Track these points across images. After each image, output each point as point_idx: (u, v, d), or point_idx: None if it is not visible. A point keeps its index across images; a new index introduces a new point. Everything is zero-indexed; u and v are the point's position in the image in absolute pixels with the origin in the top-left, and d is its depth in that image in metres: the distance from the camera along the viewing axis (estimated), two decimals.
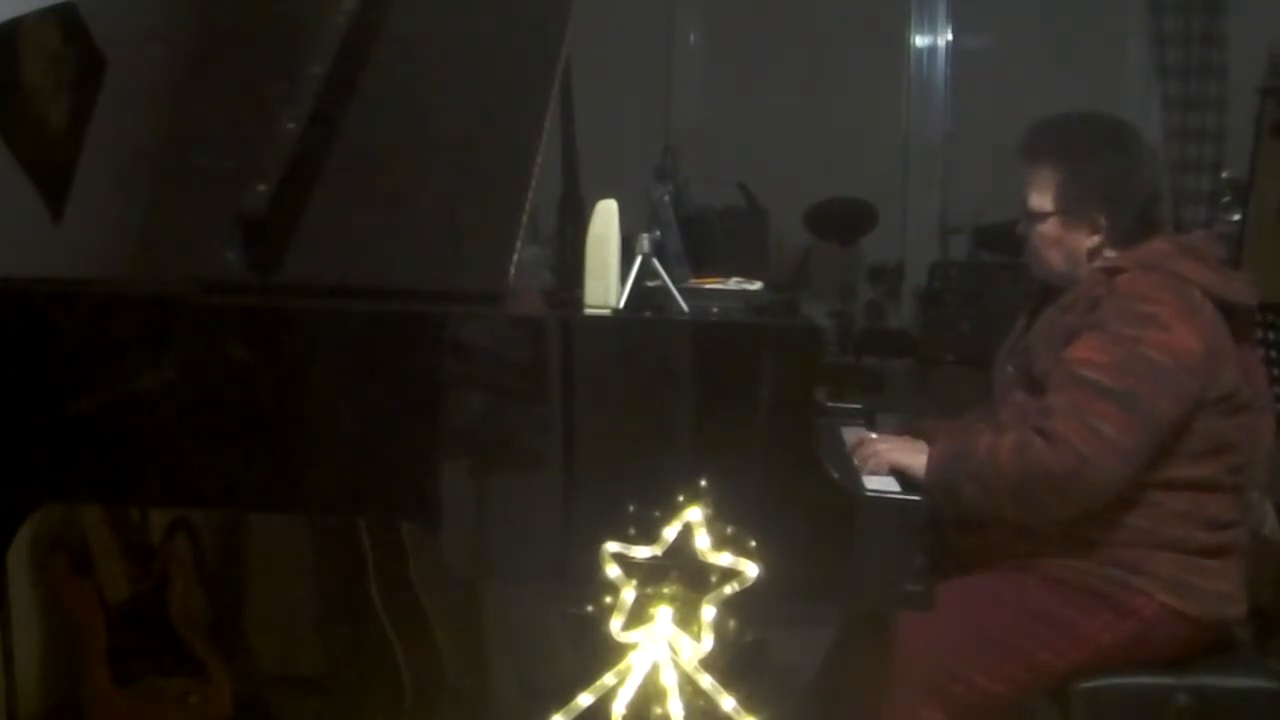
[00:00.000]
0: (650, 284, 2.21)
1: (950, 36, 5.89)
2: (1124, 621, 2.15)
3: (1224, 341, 2.16)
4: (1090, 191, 2.23)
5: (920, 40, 5.91)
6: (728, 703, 1.74)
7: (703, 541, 1.75)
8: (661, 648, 1.75)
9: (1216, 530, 2.17)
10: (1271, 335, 3.26)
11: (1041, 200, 2.26)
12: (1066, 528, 2.14)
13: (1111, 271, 2.19)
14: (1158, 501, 2.13)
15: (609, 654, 1.77)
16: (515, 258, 1.96)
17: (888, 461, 2.19)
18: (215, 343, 2.02)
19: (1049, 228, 2.26)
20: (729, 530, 1.76)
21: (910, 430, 2.48)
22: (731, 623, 1.76)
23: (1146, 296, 2.13)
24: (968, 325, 5.51)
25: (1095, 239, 2.24)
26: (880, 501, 1.92)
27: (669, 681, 1.74)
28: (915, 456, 2.18)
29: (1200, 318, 2.13)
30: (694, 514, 1.75)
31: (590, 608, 1.78)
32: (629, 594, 1.75)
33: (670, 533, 1.75)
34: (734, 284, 2.62)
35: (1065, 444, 2.03)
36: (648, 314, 2.15)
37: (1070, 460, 2.03)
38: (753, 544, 1.75)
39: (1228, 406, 2.16)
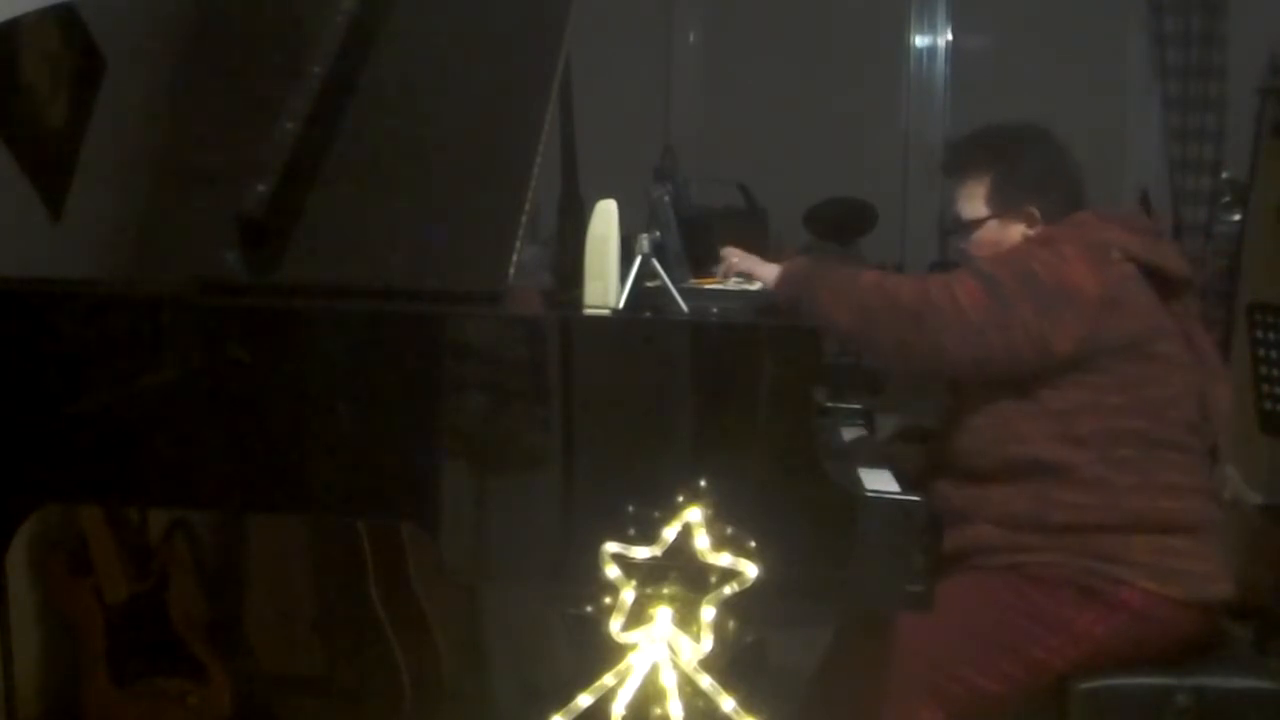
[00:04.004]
0: (650, 284, 2.21)
1: (950, 36, 5.88)
2: (1114, 614, 2.16)
3: (1136, 299, 2.20)
4: (1021, 186, 2.32)
5: (920, 40, 5.90)
6: (727, 703, 1.74)
7: (702, 542, 1.75)
8: (661, 648, 1.75)
9: (1178, 498, 2.19)
10: (1271, 335, 3.26)
11: (975, 208, 2.34)
12: (1029, 510, 2.17)
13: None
14: (1104, 477, 2.16)
15: (609, 654, 1.77)
16: (515, 258, 1.95)
17: (739, 268, 2.39)
18: (215, 343, 2.02)
19: (986, 232, 2.33)
20: (729, 530, 1.75)
21: (911, 431, 2.48)
22: (731, 623, 1.76)
23: (1058, 240, 2.23)
24: None
25: (1031, 232, 2.31)
26: (880, 501, 1.92)
27: (668, 682, 1.74)
28: (767, 265, 2.36)
29: (1108, 270, 2.18)
30: (694, 514, 1.75)
31: (590, 608, 1.78)
32: (628, 594, 1.75)
33: (670, 533, 1.75)
34: (734, 284, 2.62)
35: (922, 288, 2.14)
36: (648, 314, 2.15)
37: (919, 301, 2.13)
38: (752, 544, 1.75)
39: (1138, 356, 2.19)
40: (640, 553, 1.76)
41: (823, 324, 2.18)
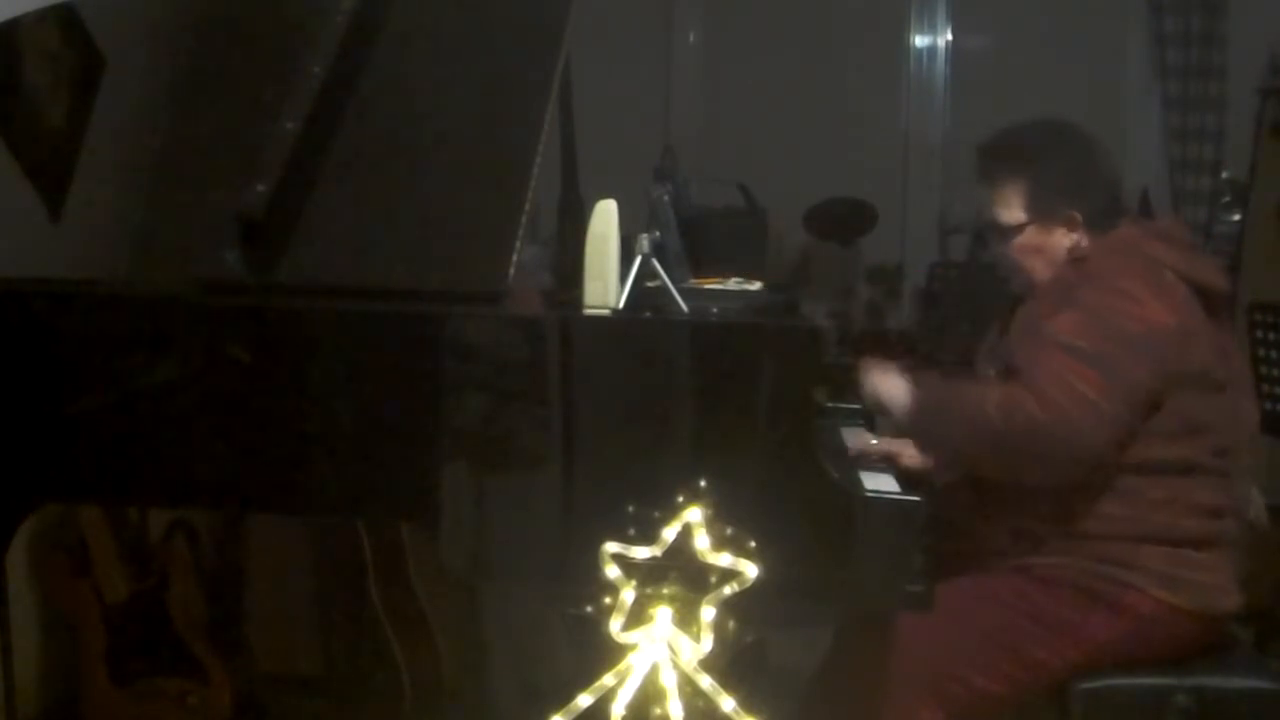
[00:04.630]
0: (650, 284, 2.21)
1: (950, 36, 5.88)
2: (1119, 618, 2.16)
3: (1197, 321, 2.18)
4: (1059, 189, 2.26)
5: (920, 40, 5.90)
6: (727, 703, 1.74)
7: (702, 542, 1.75)
8: (661, 648, 1.75)
9: (1204, 518, 2.18)
10: (1271, 335, 3.26)
11: (1013, 213, 2.28)
12: (1054, 522, 2.15)
13: (1082, 260, 2.23)
14: (1138, 489, 2.14)
15: (608, 654, 1.77)
16: (515, 258, 1.95)
17: (872, 389, 2.23)
18: (215, 343, 2.02)
19: (1027, 237, 2.28)
20: (729, 530, 1.75)
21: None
22: (731, 623, 1.76)
23: (1117, 273, 2.17)
24: (968, 326, 5.50)
25: (1074, 236, 2.26)
26: (880, 501, 1.92)
27: (668, 682, 1.74)
28: (898, 388, 2.21)
29: (1173, 296, 2.16)
30: (694, 514, 1.75)
31: (590, 608, 1.78)
32: (628, 594, 1.75)
33: (670, 533, 1.75)
34: (734, 284, 2.62)
35: (1051, 403, 2.05)
36: (648, 314, 2.15)
37: (1055, 418, 2.04)
38: (752, 544, 1.75)
39: (1203, 384, 2.17)
40: (640, 553, 1.76)
41: (962, 460, 2.14)
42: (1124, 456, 2.13)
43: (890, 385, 2.24)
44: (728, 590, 1.75)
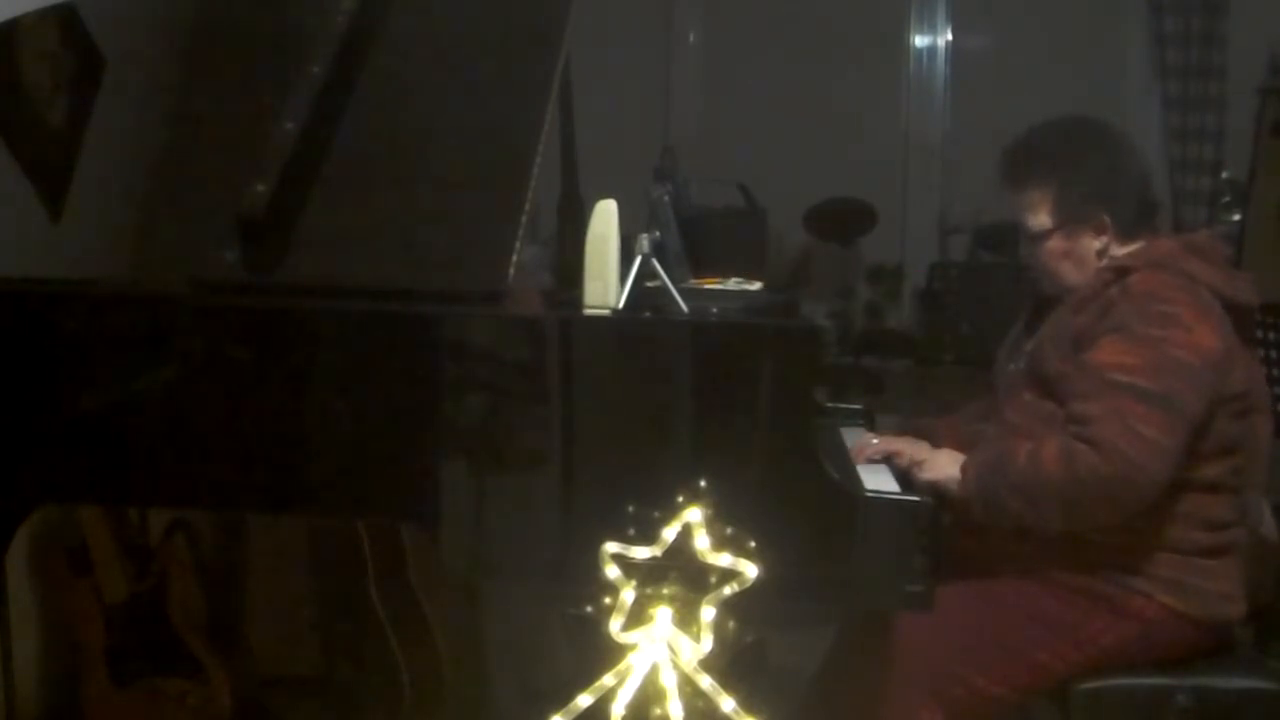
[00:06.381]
0: (650, 284, 2.21)
1: (950, 36, 5.89)
2: (1124, 623, 2.15)
3: (1234, 342, 2.16)
4: (1087, 194, 2.22)
5: (920, 40, 5.91)
6: (727, 703, 1.74)
7: (702, 542, 1.75)
8: (661, 648, 1.75)
9: (1215, 531, 2.17)
10: (1271, 335, 3.25)
11: (1040, 219, 2.24)
12: (1068, 531, 2.14)
13: (1120, 271, 2.19)
14: (1159, 504, 2.12)
15: (608, 655, 1.77)
16: (515, 258, 1.95)
17: (925, 479, 2.17)
18: (215, 343, 2.02)
19: (1055, 243, 2.24)
20: (729, 530, 1.75)
21: (911, 430, 2.48)
22: (731, 623, 1.76)
23: (1161, 296, 2.12)
24: (967, 325, 5.51)
25: (1103, 239, 2.23)
26: (880, 501, 1.92)
27: (668, 682, 1.74)
28: (948, 470, 2.17)
29: (1214, 316, 2.13)
30: (694, 514, 1.75)
31: (590, 608, 1.78)
32: (628, 595, 1.75)
33: (670, 533, 1.75)
34: (734, 284, 2.62)
35: (1112, 449, 2.02)
36: (648, 314, 2.15)
37: (1119, 465, 2.01)
38: (752, 544, 1.75)
39: (1239, 407, 2.16)
40: (640, 553, 1.76)
41: (1026, 520, 2.09)
42: None
43: (940, 461, 2.20)
44: (728, 590, 1.75)
